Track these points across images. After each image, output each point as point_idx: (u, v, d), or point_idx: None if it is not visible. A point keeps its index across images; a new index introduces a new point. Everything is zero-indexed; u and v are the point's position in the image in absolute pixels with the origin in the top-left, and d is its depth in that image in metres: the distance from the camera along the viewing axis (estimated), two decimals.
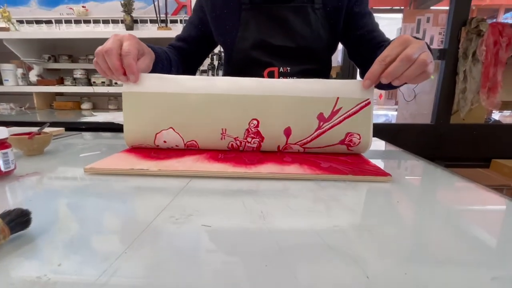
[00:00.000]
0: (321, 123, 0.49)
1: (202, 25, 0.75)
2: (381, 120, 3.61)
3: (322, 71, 0.74)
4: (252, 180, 0.40)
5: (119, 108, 1.91)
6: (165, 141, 0.52)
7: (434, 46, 2.46)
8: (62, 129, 0.77)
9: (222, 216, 0.29)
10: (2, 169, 0.39)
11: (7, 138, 0.40)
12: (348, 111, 0.48)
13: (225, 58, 0.79)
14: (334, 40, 0.74)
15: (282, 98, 0.49)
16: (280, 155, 0.50)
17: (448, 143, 2.01)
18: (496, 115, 2.60)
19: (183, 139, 0.52)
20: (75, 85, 1.76)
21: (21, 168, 0.44)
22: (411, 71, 0.40)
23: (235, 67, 0.73)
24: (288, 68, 0.70)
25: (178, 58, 0.73)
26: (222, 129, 0.50)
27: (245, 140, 0.51)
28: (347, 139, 0.50)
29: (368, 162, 0.46)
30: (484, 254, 0.23)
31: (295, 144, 0.51)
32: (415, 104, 2.45)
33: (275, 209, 0.30)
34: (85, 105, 1.89)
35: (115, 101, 1.90)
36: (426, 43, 0.43)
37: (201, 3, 0.74)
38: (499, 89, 1.83)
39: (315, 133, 0.49)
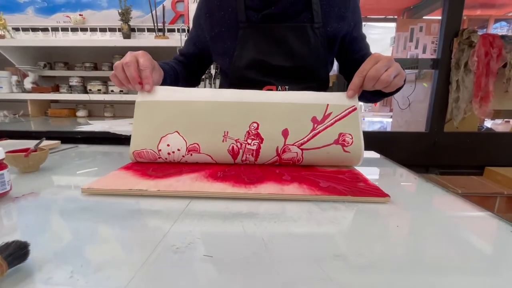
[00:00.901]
0: (315, 125, 0.55)
1: (200, 43, 0.77)
2: (376, 127, 3.65)
3: (321, 89, 0.75)
4: (252, 201, 0.40)
5: (115, 116, 1.89)
6: (168, 145, 0.55)
7: (427, 54, 2.51)
8: (58, 142, 0.76)
9: (223, 244, 0.29)
10: None
11: (3, 159, 0.40)
12: (338, 115, 0.55)
13: (223, 76, 0.80)
14: (332, 57, 0.75)
15: (279, 105, 0.56)
16: (279, 173, 0.50)
17: (442, 151, 2.04)
18: (488, 123, 2.64)
19: (186, 142, 0.55)
20: (71, 93, 1.75)
21: (16, 187, 0.43)
22: (377, 86, 0.52)
23: (233, 86, 0.74)
24: (287, 87, 0.71)
25: (183, 69, 0.77)
26: (225, 132, 0.55)
27: (246, 142, 0.54)
28: (340, 138, 0.54)
29: (366, 181, 0.46)
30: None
31: (293, 145, 0.54)
32: (409, 112, 2.49)
33: (276, 236, 0.30)
34: (80, 113, 1.87)
35: (110, 108, 1.89)
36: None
37: (200, 21, 0.74)
38: (490, 99, 1.87)
39: (311, 134, 0.54)
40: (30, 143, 0.71)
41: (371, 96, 0.61)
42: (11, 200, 0.39)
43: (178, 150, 0.55)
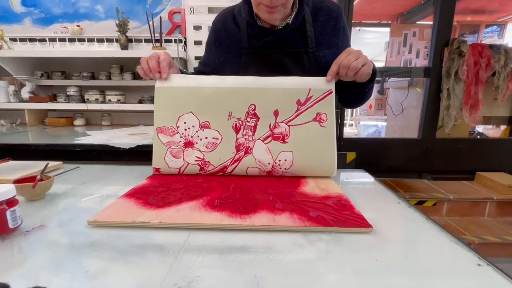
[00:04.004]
0: (299, 106, 0.69)
1: (209, 65, 0.86)
2: (371, 130, 3.70)
3: None
4: (246, 232, 0.43)
5: (112, 124, 1.91)
6: (185, 122, 0.69)
7: (420, 59, 2.57)
8: (60, 163, 0.79)
9: (220, 281, 0.32)
10: (10, 226, 0.41)
11: (15, 195, 0.42)
12: (317, 97, 0.69)
13: None
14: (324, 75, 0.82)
15: (272, 90, 0.69)
16: (273, 200, 0.54)
17: (434, 156, 2.09)
18: (480, 128, 2.70)
19: (199, 120, 0.69)
20: (68, 102, 1.76)
21: (25, 218, 0.46)
22: (349, 73, 0.64)
23: None
24: None
25: None
26: (229, 112, 0.69)
27: (246, 120, 0.69)
28: (317, 117, 0.69)
29: (352, 209, 0.50)
30: None
31: (282, 122, 0.69)
32: (402, 117, 2.54)
33: (267, 272, 0.34)
34: (78, 121, 1.89)
35: (108, 117, 1.90)
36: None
37: (210, 48, 0.86)
38: (480, 107, 1.92)
39: (295, 113, 0.69)
40: (33, 165, 0.74)
41: (351, 89, 0.73)
42: (23, 234, 0.42)
43: (193, 126, 0.69)
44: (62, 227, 0.45)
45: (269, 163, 0.69)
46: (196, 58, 1.68)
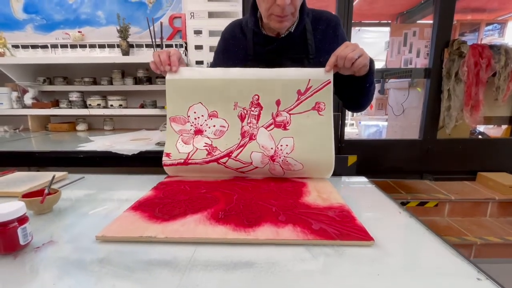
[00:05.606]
0: (299, 96, 0.74)
1: None
2: (372, 130, 3.70)
3: None
4: (251, 246, 0.44)
5: (114, 129, 1.93)
6: (195, 112, 0.76)
7: (421, 58, 2.56)
8: (65, 173, 0.80)
9: None
10: (21, 243, 0.42)
11: (25, 213, 0.44)
12: (317, 87, 0.73)
13: None
14: None
15: (274, 81, 0.74)
16: (276, 211, 0.55)
17: (436, 157, 2.09)
18: (481, 127, 2.70)
19: (207, 110, 0.76)
20: (71, 107, 1.78)
21: (35, 234, 0.47)
22: (346, 63, 0.68)
23: None
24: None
25: None
26: (235, 102, 0.75)
27: (250, 109, 0.75)
28: (316, 106, 0.73)
29: (354, 220, 0.51)
30: None
31: (283, 111, 0.74)
32: (403, 117, 2.55)
33: (273, 287, 0.35)
34: (80, 126, 1.90)
35: (110, 122, 1.92)
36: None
37: (219, 55, 0.93)
38: (481, 107, 1.92)
39: (296, 103, 0.74)
40: (39, 176, 0.76)
41: (352, 80, 0.75)
42: (33, 251, 0.43)
43: (202, 116, 0.76)
44: (71, 242, 0.46)
45: (271, 148, 0.73)
46: (197, 62, 1.69)
